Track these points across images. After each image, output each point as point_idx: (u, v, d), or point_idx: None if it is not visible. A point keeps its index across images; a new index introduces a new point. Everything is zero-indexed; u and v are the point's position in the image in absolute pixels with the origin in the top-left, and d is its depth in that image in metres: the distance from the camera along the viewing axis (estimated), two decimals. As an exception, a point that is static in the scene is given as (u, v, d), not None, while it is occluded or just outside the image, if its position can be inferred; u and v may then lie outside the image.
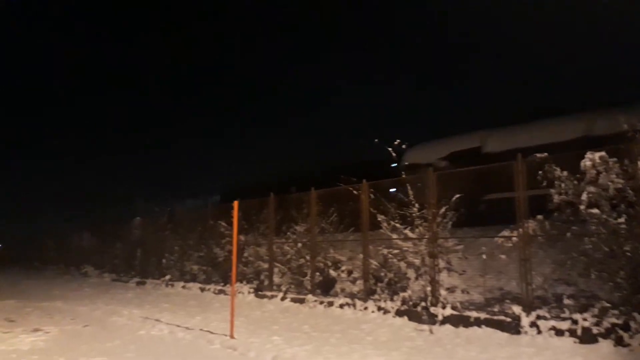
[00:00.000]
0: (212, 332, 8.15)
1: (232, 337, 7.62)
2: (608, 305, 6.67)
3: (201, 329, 8.46)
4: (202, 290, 14.23)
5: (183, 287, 15.23)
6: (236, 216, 8.55)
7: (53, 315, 10.57)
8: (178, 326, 8.82)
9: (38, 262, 30.44)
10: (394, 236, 9.76)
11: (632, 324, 6.24)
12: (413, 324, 8.30)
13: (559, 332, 6.76)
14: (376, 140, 11.18)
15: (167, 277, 16.70)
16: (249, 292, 12.47)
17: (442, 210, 8.99)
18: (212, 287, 14.04)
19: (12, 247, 40.00)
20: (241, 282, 13.05)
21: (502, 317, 7.47)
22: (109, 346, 7.35)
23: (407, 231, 9.55)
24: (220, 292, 13.48)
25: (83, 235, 25.70)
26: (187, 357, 6.74)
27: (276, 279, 12.45)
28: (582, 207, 7.26)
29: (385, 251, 9.95)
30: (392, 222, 9.80)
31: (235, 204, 8.64)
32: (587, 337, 6.51)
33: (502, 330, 7.30)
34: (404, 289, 9.22)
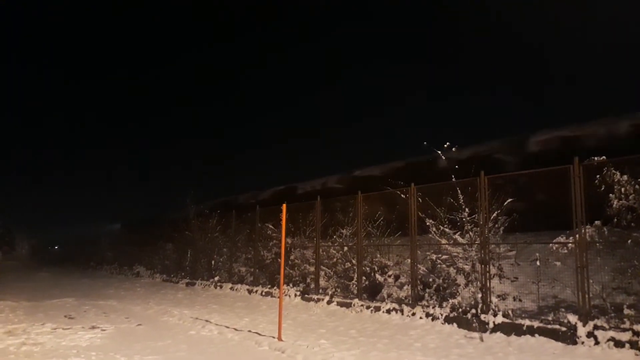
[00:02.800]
0: (260, 334, 8.25)
1: (279, 339, 7.69)
2: (673, 316, 6.32)
3: (249, 331, 8.58)
4: (250, 292, 14.43)
5: (231, 288, 15.49)
6: (285, 219, 8.63)
7: (108, 313, 10.98)
8: (227, 327, 8.97)
9: (94, 262, 31.69)
10: (443, 241, 9.60)
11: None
12: (463, 331, 8.12)
13: (619, 344, 6.45)
14: (425, 142, 11.04)
15: (216, 278, 17.03)
16: (296, 295, 12.54)
17: (494, 214, 8.77)
18: (259, 289, 14.21)
19: (70, 248, 41.84)
20: (288, 284, 13.16)
21: (556, 326, 7.19)
22: (161, 345, 7.56)
23: (456, 236, 9.37)
24: (268, 294, 13.62)
25: (136, 238, 26.55)
26: (236, 358, 6.84)
27: (322, 283, 12.47)
28: (643, 213, 6.93)
29: (433, 256, 9.79)
30: (441, 227, 9.64)
31: (284, 206, 8.73)
32: (650, 350, 6.18)
33: (557, 339, 7.03)
34: (453, 296, 9.04)
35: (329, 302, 11.39)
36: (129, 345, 7.52)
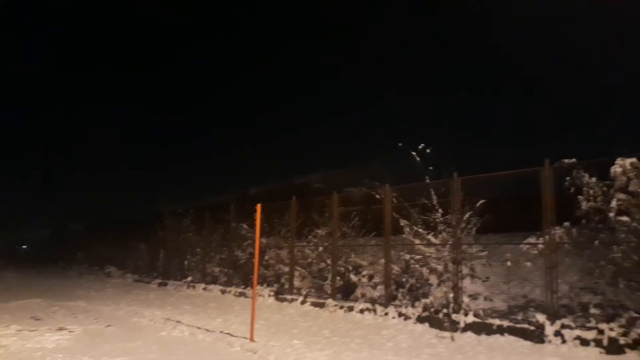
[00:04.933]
0: (232, 335, 8.17)
1: (252, 340, 7.62)
2: (636, 315, 6.48)
3: (222, 332, 8.49)
4: (223, 292, 14.30)
5: (204, 289, 15.34)
6: (259, 219, 8.56)
7: (77, 314, 10.74)
8: (199, 328, 8.86)
9: (63, 262, 31.02)
10: (417, 241, 9.67)
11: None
12: (434, 331, 8.19)
13: (585, 342, 6.59)
14: (400, 144, 11.10)
15: (189, 278, 16.84)
16: (270, 295, 12.49)
17: (466, 215, 8.87)
18: (232, 289, 14.11)
19: (39, 248, 40.89)
20: (262, 285, 13.09)
21: (525, 326, 7.31)
22: (131, 346, 7.41)
23: (430, 237, 9.45)
24: (241, 294, 13.52)
25: (107, 237, 26.08)
26: (207, 359, 6.76)
27: (297, 283, 12.44)
28: (611, 214, 7.09)
29: (407, 256, 9.86)
30: (415, 227, 9.71)
31: (259, 206, 8.65)
32: (613, 348, 6.33)
33: (525, 338, 7.15)
34: (425, 295, 9.12)
35: (302, 302, 11.37)
36: (97, 346, 7.36)
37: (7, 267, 33.53)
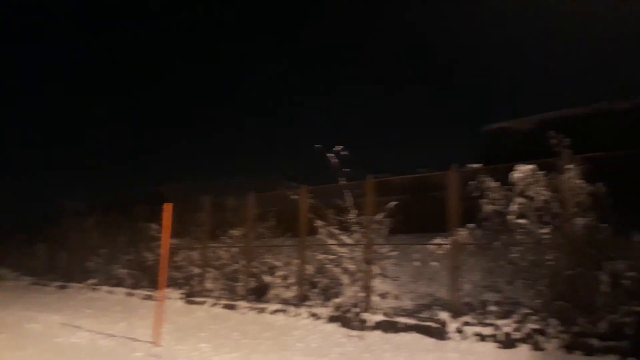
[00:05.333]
0: (136, 340, 7.75)
1: (157, 344, 7.27)
2: (529, 311, 6.89)
3: (125, 336, 8.04)
4: (129, 295, 13.62)
5: (109, 291, 14.54)
6: (167, 218, 8.20)
7: (-40, 321, 9.75)
8: (100, 333, 8.34)
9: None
10: (331, 242, 9.72)
11: (549, 329, 6.48)
12: (344, 330, 8.26)
13: (482, 338, 6.91)
14: (317, 145, 11.14)
15: (92, 280, 15.90)
16: (179, 298, 12.05)
17: (379, 217, 9.04)
18: (139, 292, 13.47)
19: None
20: (171, 287, 12.59)
21: (430, 323, 7.55)
22: (21, 355, 6.83)
23: (344, 237, 9.53)
24: (148, 297, 12.95)
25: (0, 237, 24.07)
26: (106, 366, 6.37)
27: (208, 285, 12.09)
28: (510, 217, 7.49)
29: (321, 257, 9.88)
30: (330, 228, 9.76)
31: (167, 206, 8.28)
32: (507, 342, 6.70)
33: (430, 336, 7.39)
34: (337, 295, 9.18)
35: (213, 305, 11.06)
36: (-18, 356, 6.71)
37: None
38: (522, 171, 7.64)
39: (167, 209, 8.25)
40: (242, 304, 10.46)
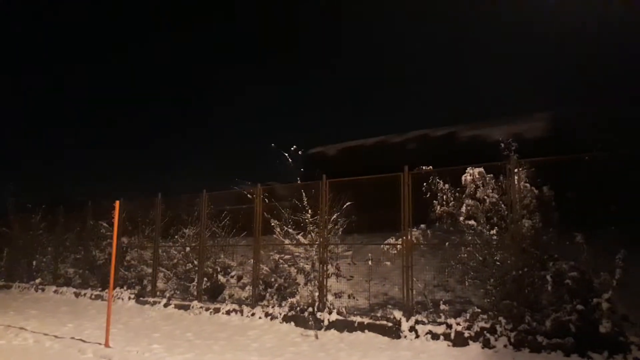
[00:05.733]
0: (84, 341, 7.55)
1: (107, 345, 7.10)
2: (479, 310, 7.14)
3: (72, 338, 7.80)
4: (77, 295, 13.20)
5: (55, 291, 14.04)
6: (117, 216, 8.02)
7: None
8: (46, 335, 8.07)
9: None
10: (287, 241, 9.74)
11: (498, 328, 6.73)
12: (300, 330, 8.31)
13: (435, 336, 7.12)
14: (273, 144, 11.14)
15: (38, 280, 15.31)
16: (130, 298, 11.77)
17: (334, 216, 9.13)
18: (88, 292, 13.08)
19: None
20: (122, 287, 12.30)
21: (384, 322, 7.71)
22: (-41, 358, 6.52)
23: (299, 237, 9.57)
24: (98, 297, 12.60)
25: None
26: (53, 369, 6.17)
27: (160, 285, 11.87)
28: (461, 218, 7.74)
29: (277, 256, 9.88)
30: (285, 227, 9.78)
31: (117, 203, 8.09)
32: (459, 340, 6.92)
33: (384, 334, 7.54)
34: (293, 295, 9.22)
35: (166, 305, 10.88)
36: None
37: None
38: (471, 174, 7.91)
39: (117, 206, 8.07)
40: (196, 304, 10.34)
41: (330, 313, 8.27)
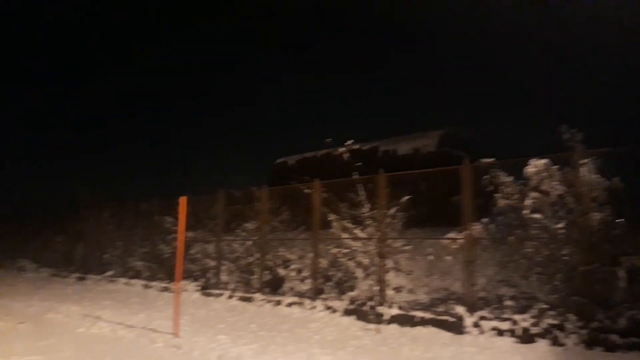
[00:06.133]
0: (155, 331, 7.92)
1: (176, 335, 7.43)
2: (546, 306, 6.93)
3: (144, 327, 8.20)
4: (146, 287, 13.83)
5: (126, 283, 14.76)
6: (182, 212, 8.33)
7: (-16, 311, 9.99)
8: (120, 324, 8.52)
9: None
10: (345, 236, 9.80)
11: (567, 325, 6.51)
12: (360, 323, 8.36)
13: (500, 332, 6.98)
14: (329, 139, 11.19)
15: (110, 272, 16.14)
16: (195, 290, 12.22)
17: (392, 211, 9.10)
18: (156, 284, 13.67)
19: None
20: (187, 279, 12.78)
21: (446, 317, 7.63)
22: (44, 344, 7.00)
23: (357, 231, 9.61)
24: (165, 289, 13.14)
25: (20, 229, 24.41)
26: (128, 357, 6.51)
27: (223, 277, 12.26)
28: (525, 211, 7.52)
29: (335, 250, 9.97)
30: (343, 222, 9.84)
31: (182, 199, 8.41)
32: (526, 337, 6.75)
33: (446, 329, 7.47)
34: (352, 289, 9.28)
35: (229, 297, 11.22)
36: (9, 344, 6.89)
37: None
38: (536, 165, 7.66)
39: (183, 202, 8.37)
40: (257, 296, 10.60)
41: (390, 307, 8.27)
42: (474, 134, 11.57)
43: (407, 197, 9.19)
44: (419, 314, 7.94)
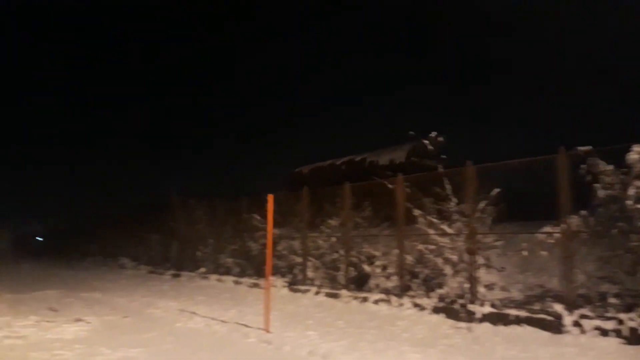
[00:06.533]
0: (247, 326, 8.19)
1: (267, 331, 7.63)
2: (657, 305, 6.39)
3: (236, 322, 8.51)
4: (236, 283, 14.35)
5: (217, 279, 15.40)
6: (270, 209, 8.53)
7: (92, 305, 10.82)
8: (213, 319, 8.89)
9: (78, 253, 31.29)
10: (431, 231, 9.59)
11: (684, 326, 5.96)
12: (450, 322, 8.15)
13: (604, 332, 6.52)
14: (411, 132, 11.01)
15: (202, 269, 16.91)
16: (283, 286, 12.51)
17: (481, 205, 8.77)
18: (246, 280, 14.15)
19: (54, 240, 41.35)
20: (274, 275, 13.10)
21: (543, 316, 7.24)
22: (147, 337, 7.45)
23: (444, 226, 9.37)
24: (254, 285, 13.56)
25: (120, 228, 26.24)
26: (223, 350, 6.77)
27: (310, 273, 12.45)
28: (628, 202, 6.97)
29: (421, 247, 9.79)
30: (429, 217, 9.63)
31: (270, 197, 8.62)
32: (634, 338, 6.26)
33: (544, 329, 7.08)
34: (440, 286, 9.07)
35: (316, 293, 11.37)
36: (114, 337, 7.41)
37: (24, 258, 34.05)
38: (639, 152, 7.07)
39: (270, 200, 8.57)
40: (344, 292, 10.66)
41: (482, 305, 7.98)
42: (445, 142, 11.48)
43: (497, 189, 8.82)
44: (513, 312, 7.59)
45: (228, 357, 6.29)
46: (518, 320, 7.41)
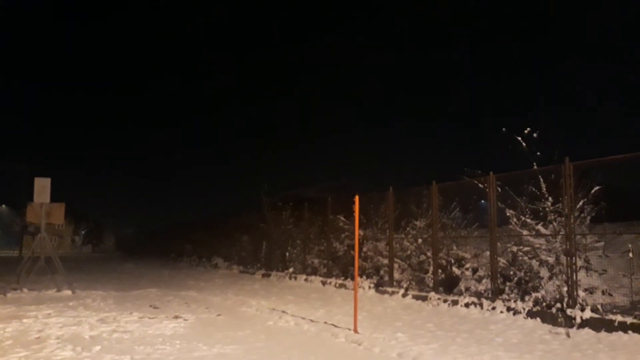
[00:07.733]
0: (335, 326, 8.28)
1: (355, 331, 7.68)
2: None
3: (325, 322, 8.63)
4: (324, 283, 14.55)
5: (305, 279, 15.69)
6: (357, 210, 8.57)
7: (189, 303, 11.44)
8: (303, 318, 9.08)
9: (174, 254, 33.17)
10: (525, 232, 9.17)
11: None
12: (547, 327, 7.74)
13: None
14: (504, 129, 10.55)
15: (290, 269, 17.31)
16: (369, 288, 12.50)
17: (580, 204, 8.26)
18: (333, 280, 14.30)
19: (153, 241, 44.16)
20: (361, 277, 13.13)
21: (653, 323, 6.68)
22: (241, 335, 7.76)
23: (539, 227, 8.92)
24: (341, 286, 13.67)
25: (213, 230, 27.45)
26: (313, 350, 6.89)
27: (396, 275, 12.33)
28: None
29: (514, 248, 9.38)
30: (522, 217, 9.21)
31: (356, 198, 8.66)
32: None
33: (655, 337, 6.53)
34: (535, 289, 8.63)
35: (404, 295, 11.24)
36: (210, 334, 7.79)
37: (126, 258, 36.71)
38: None
39: (357, 201, 8.60)
40: (432, 295, 10.46)
41: (582, 310, 7.50)
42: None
43: (597, 187, 8.27)
44: (617, 317, 7.06)
45: (319, 357, 6.39)
46: (624, 327, 6.88)
